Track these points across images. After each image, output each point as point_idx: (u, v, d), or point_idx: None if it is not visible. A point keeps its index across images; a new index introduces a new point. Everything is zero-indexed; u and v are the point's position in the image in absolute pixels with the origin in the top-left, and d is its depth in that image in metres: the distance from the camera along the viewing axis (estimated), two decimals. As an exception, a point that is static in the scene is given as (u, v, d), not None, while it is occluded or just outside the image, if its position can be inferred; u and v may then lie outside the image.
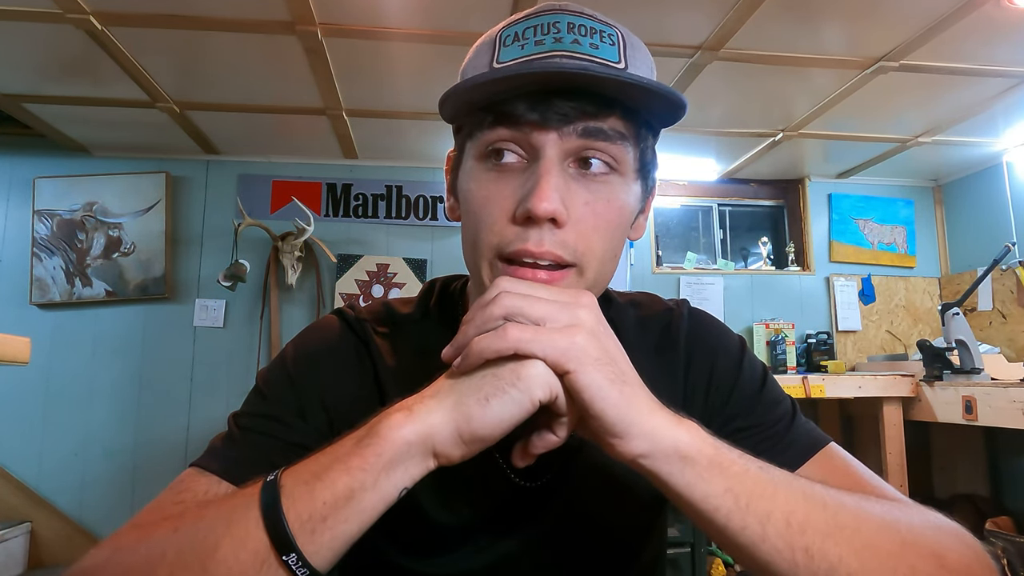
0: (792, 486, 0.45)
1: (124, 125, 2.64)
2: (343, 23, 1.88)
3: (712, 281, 3.19)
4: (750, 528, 0.43)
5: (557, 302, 0.45)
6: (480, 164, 0.54)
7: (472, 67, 0.56)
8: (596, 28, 0.53)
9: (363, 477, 0.42)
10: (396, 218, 3.08)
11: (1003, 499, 2.80)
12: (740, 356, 0.67)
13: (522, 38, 0.52)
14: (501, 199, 0.52)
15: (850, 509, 0.45)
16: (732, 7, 1.80)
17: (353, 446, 0.43)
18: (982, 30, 1.90)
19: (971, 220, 3.23)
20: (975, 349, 2.36)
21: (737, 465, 0.45)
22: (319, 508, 0.41)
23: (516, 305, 0.44)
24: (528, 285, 0.46)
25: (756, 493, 0.44)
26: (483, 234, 0.53)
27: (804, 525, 0.43)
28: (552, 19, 0.53)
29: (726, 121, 2.65)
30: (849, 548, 0.42)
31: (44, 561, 2.66)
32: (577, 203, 0.51)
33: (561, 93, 0.50)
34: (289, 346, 0.64)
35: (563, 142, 0.51)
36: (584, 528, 0.61)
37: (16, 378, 2.72)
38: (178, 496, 0.51)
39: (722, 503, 0.43)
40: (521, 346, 0.43)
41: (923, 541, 0.45)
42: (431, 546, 0.60)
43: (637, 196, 0.57)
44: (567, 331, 0.44)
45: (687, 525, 2.29)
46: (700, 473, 0.44)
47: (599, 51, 0.51)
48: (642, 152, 0.55)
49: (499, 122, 0.52)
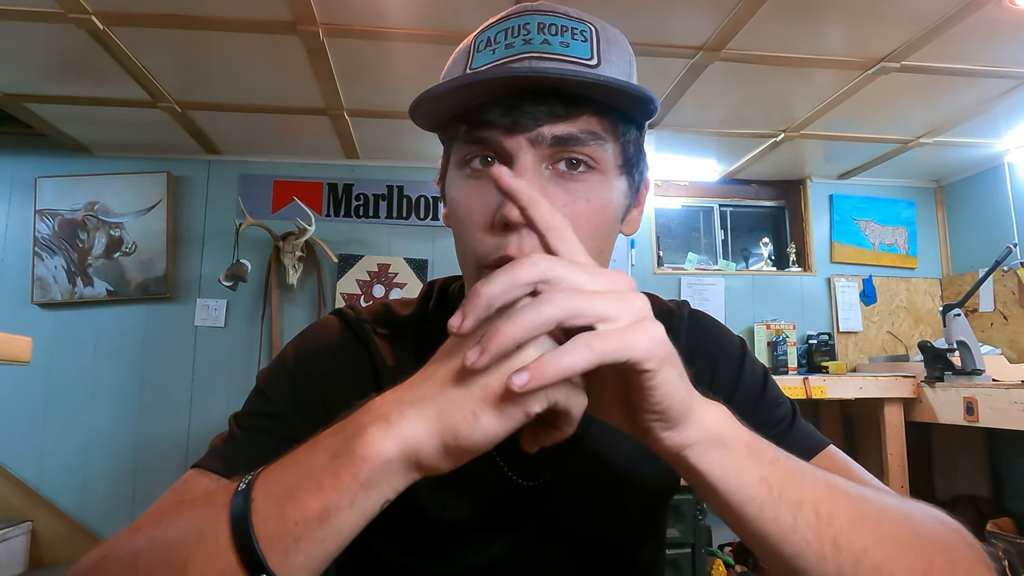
0: (816, 475, 0.44)
1: (126, 125, 2.65)
2: (345, 23, 1.89)
3: (713, 282, 3.19)
4: (781, 519, 0.41)
5: (612, 292, 0.39)
6: (459, 172, 0.54)
7: (449, 74, 0.56)
8: (567, 25, 0.52)
9: (337, 498, 0.38)
10: (397, 218, 3.08)
11: (1004, 500, 2.80)
12: (741, 358, 0.67)
13: (494, 42, 0.52)
14: (480, 207, 0.52)
15: (871, 501, 0.45)
16: (733, 8, 1.80)
17: (327, 461, 0.39)
18: (984, 31, 1.90)
19: (972, 221, 3.23)
20: (976, 350, 2.36)
21: (770, 452, 0.44)
22: (291, 529, 0.38)
23: (556, 273, 0.38)
24: (566, 266, 0.39)
25: (788, 481, 0.42)
26: (467, 243, 0.53)
27: (831, 515, 0.42)
28: (522, 20, 0.52)
29: (727, 121, 2.65)
30: (873, 539, 0.42)
31: (45, 560, 2.67)
32: (555, 205, 0.51)
33: (530, 96, 0.49)
34: (289, 346, 0.64)
35: (535, 147, 0.51)
36: (583, 527, 0.61)
37: (17, 377, 2.72)
38: (180, 497, 0.51)
39: (757, 492, 0.42)
40: (604, 355, 0.36)
41: (934, 536, 0.45)
42: (429, 544, 0.60)
43: (623, 192, 0.56)
44: (640, 328, 0.38)
45: (687, 525, 2.29)
46: (737, 462, 0.42)
47: (569, 49, 0.51)
48: (624, 147, 0.55)
49: (472, 130, 0.52)
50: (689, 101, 2.41)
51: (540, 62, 0.50)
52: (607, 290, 0.39)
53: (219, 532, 0.39)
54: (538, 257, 0.38)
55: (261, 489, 0.40)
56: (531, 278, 0.37)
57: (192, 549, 0.39)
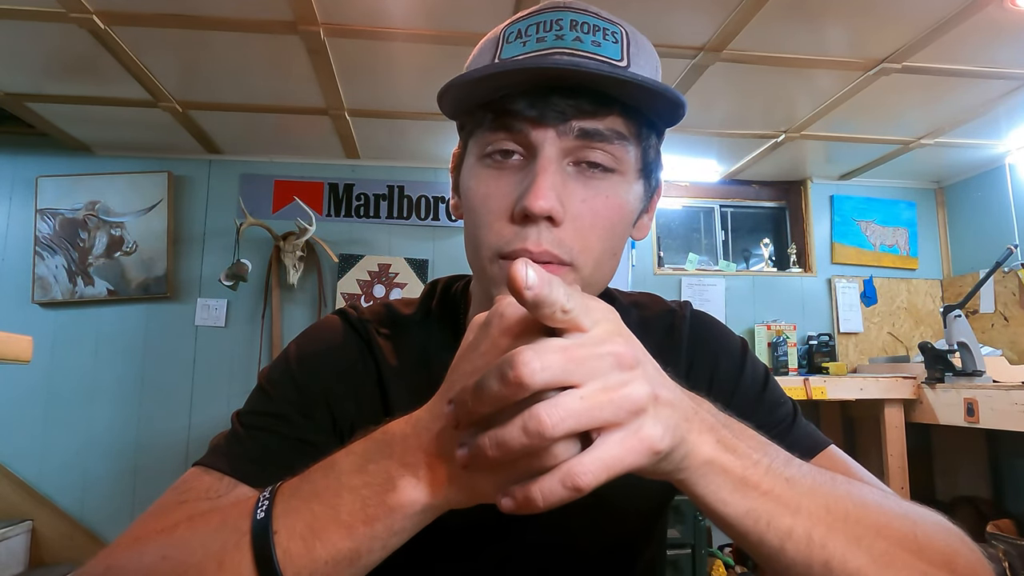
0: (815, 499, 0.43)
1: (127, 124, 2.65)
2: (346, 23, 1.89)
3: (714, 282, 3.19)
4: (768, 543, 0.41)
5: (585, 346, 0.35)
6: (480, 162, 0.54)
7: (475, 63, 0.56)
8: (600, 26, 0.53)
9: (370, 544, 0.39)
10: (398, 218, 3.08)
11: (1004, 502, 2.79)
12: (742, 358, 0.67)
13: (525, 35, 0.53)
14: (500, 196, 0.52)
15: (872, 518, 0.44)
16: (735, 8, 1.80)
17: (358, 508, 0.38)
18: (985, 32, 1.90)
19: (973, 222, 3.23)
20: (977, 351, 2.36)
21: (765, 484, 0.41)
22: (320, 567, 0.38)
23: (559, 370, 0.33)
24: (563, 342, 0.35)
25: (777, 513, 0.41)
26: (482, 233, 0.53)
27: (825, 541, 0.41)
28: (555, 16, 0.53)
29: (728, 122, 2.65)
30: (867, 559, 0.42)
31: (45, 560, 2.67)
32: (574, 200, 0.51)
33: (560, 91, 0.50)
34: (292, 345, 0.64)
35: (561, 140, 0.51)
36: (584, 530, 0.61)
37: (18, 377, 2.72)
38: (181, 496, 0.51)
39: (743, 524, 0.41)
40: (621, 466, 0.34)
41: (936, 547, 0.45)
42: (431, 548, 0.60)
43: (639, 196, 0.57)
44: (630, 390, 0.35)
45: (687, 526, 2.29)
46: (723, 497, 0.40)
47: (601, 49, 0.51)
48: (644, 151, 0.55)
49: (498, 119, 0.52)
50: (690, 101, 2.37)
51: (570, 58, 0.50)
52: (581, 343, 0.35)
53: (242, 564, 0.39)
54: (545, 352, 0.33)
55: (284, 521, 0.40)
56: (541, 383, 0.33)
57: None
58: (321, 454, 0.44)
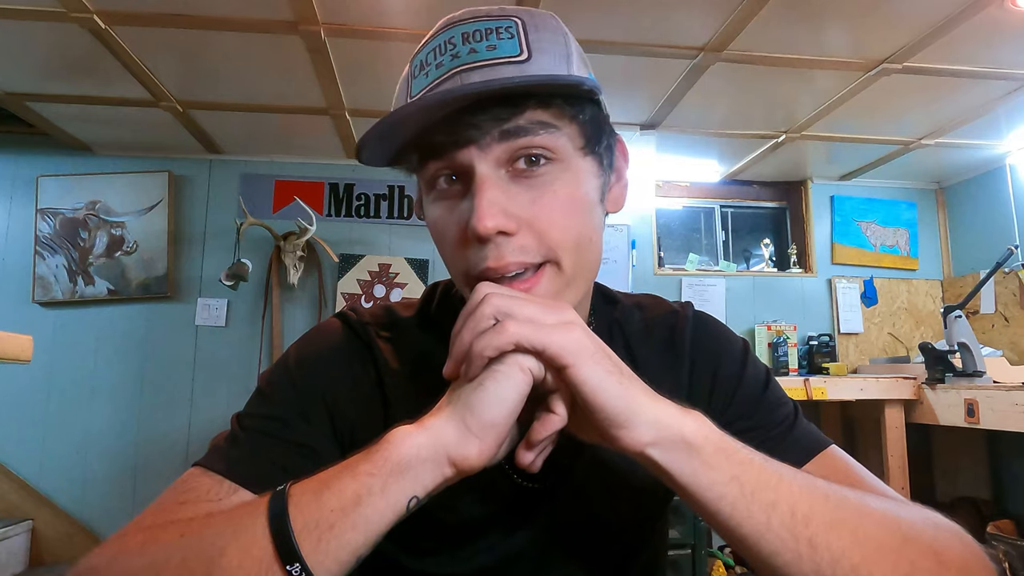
0: (795, 478, 0.46)
1: (127, 124, 2.65)
2: (346, 23, 1.89)
3: (714, 283, 3.19)
4: (755, 517, 0.43)
5: (544, 304, 0.46)
6: (428, 196, 0.55)
7: (396, 104, 0.55)
8: (491, 27, 0.51)
9: (371, 482, 0.42)
10: (398, 218, 3.08)
11: (1005, 502, 2.80)
12: (744, 359, 0.67)
13: (426, 64, 0.52)
14: (452, 224, 0.53)
15: (853, 504, 0.46)
16: (735, 9, 1.80)
17: (362, 455, 0.44)
18: (986, 33, 1.90)
19: (974, 223, 3.23)
20: (977, 352, 2.36)
21: (742, 453, 0.45)
22: (326, 515, 0.41)
23: (506, 304, 0.45)
24: (509, 290, 0.47)
25: (761, 482, 0.44)
26: (448, 260, 0.55)
27: (808, 517, 0.43)
28: (446, 36, 0.52)
29: (729, 122, 2.65)
30: (852, 541, 0.43)
31: (45, 559, 2.67)
32: (523, 205, 0.51)
33: (470, 108, 0.49)
34: (292, 348, 0.64)
35: (487, 153, 0.50)
36: (586, 529, 0.62)
37: (18, 376, 2.73)
38: (181, 496, 0.51)
39: (728, 491, 0.43)
40: (522, 339, 0.43)
41: (923, 538, 0.45)
42: (434, 546, 0.60)
43: (592, 173, 0.55)
44: (562, 327, 0.44)
45: (688, 526, 2.29)
46: (706, 460, 0.44)
47: (497, 51, 0.50)
48: (581, 127, 0.53)
49: (424, 157, 0.52)
50: (691, 102, 2.41)
51: (470, 74, 0.49)
52: (540, 300, 0.47)
53: (256, 523, 0.42)
54: (495, 296, 0.46)
55: (299, 486, 0.44)
56: (491, 314, 0.45)
57: (228, 540, 0.41)
58: (320, 457, 0.45)
